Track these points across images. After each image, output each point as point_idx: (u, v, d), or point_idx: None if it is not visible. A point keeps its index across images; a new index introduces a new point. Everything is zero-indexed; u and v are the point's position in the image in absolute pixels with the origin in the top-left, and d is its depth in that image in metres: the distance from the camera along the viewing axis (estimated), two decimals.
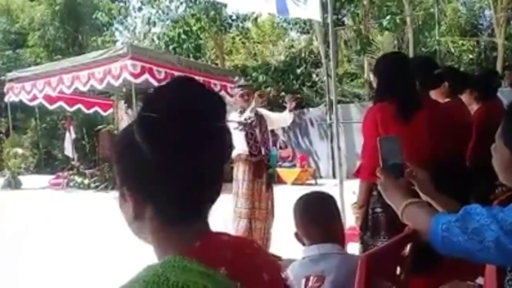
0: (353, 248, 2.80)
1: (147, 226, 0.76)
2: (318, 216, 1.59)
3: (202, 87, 0.77)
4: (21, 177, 13.45)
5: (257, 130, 4.22)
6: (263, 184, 4.15)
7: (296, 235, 1.62)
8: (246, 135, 4.12)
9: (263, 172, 4.19)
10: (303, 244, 1.61)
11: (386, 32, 13.01)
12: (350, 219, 3.07)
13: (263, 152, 4.23)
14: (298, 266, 1.48)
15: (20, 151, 14.52)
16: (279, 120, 4.68)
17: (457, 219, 1.02)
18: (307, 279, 0.92)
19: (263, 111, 4.52)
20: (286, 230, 2.62)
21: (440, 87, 2.81)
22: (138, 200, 0.75)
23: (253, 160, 4.12)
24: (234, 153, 4.02)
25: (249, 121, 4.14)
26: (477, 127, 2.89)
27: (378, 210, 2.17)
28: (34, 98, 11.43)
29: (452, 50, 13.79)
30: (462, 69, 11.12)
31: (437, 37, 11.87)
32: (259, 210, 4.10)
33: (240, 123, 4.05)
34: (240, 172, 4.09)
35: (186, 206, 0.76)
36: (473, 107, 3.25)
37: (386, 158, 1.28)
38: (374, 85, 2.41)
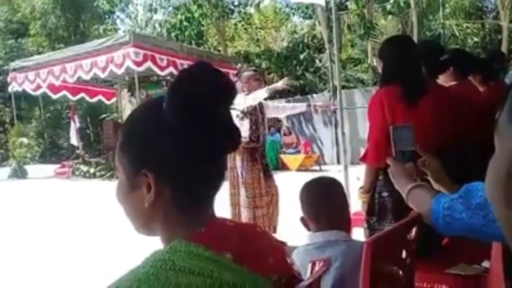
0: (359, 233, 2.80)
1: (159, 212, 0.76)
2: (325, 202, 1.57)
3: (221, 72, 0.78)
4: (26, 167, 13.55)
5: (259, 118, 4.20)
6: (260, 171, 4.11)
7: (302, 220, 1.61)
8: (250, 121, 4.09)
9: (260, 158, 4.14)
10: (309, 230, 1.60)
11: (390, 16, 12.88)
12: (355, 204, 3.07)
13: (260, 140, 4.20)
14: (303, 252, 1.48)
15: (25, 140, 14.61)
16: (274, 110, 4.62)
17: (459, 196, 1.01)
18: (313, 264, 0.92)
19: (263, 102, 4.44)
20: (290, 216, 2.63)
21: (447, 71, 2.78)
22: (159, 184, 0.74)
23: (249, 146, 4.06)
24: None
25: (254, 109, 4.11)
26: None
27: (385, 194, 2.17)
28: (38, 87, 11.44)
29: (457, 33, 13.65)
30: None
31: (441, 20, 11.74)
32: (260, 198, 4.08)
33: (245, 112, 4.01)
34: (238, 160, 4.05)
35: (200, 191, 0.77)
36: (479, 90, 3.22)
37: (398, 147, 1.28)
38: (379, 69, 2.39)
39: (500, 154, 0.46)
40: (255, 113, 4.16)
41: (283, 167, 12.12)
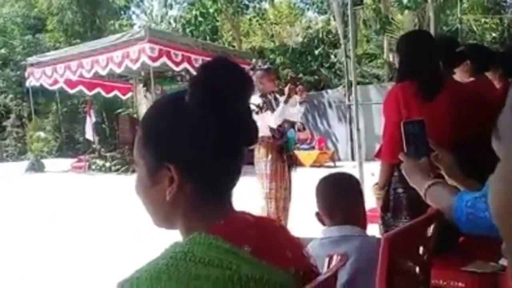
0: (373, 229, 2.79)
1: (180, 205, 0.77)
2: (341, 198, 1.56)
3: (240, 66, 0.79)
4: (43, 160, 13.75)
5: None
6: (285, 166, 4.17)
7: (318, 215, 1.61)
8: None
9: (284, 154, 4.22)
10: (324, 225, 1.60)
11: (406, 11, 12.70)
12: (369, 201, 3.05)
13: (284, 136, 4.28)
14: (318, 246, 1.48)
15: (42, 134, 14.86)
16: (290, 114, 4.64)
17: (483, 194, 1.00)
18: (331, 258, 0.92)
19: (280, 98, 4.49)
20: (304, 212, 2.63)
21: (463, 65, 2.74)
22: (181, 177, 0.75)
23: (276, 143, 4.14)
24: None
25: (271, 105, 4.14)
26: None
27: (400, 190, 2.15)
28: (55, 82, 11.60)
29: (475, 28, 13.41)
30: None
31: (459, 15, 11.56)
32: (279, 190, 4.14)
33: (260, 106, 4.03)
34: (262, 153, 4.11)
35: (220, 184, 0.78)
36: (496, 85, 3.16)
37: (410, 142, 1.25)
38: (396, 64, 2.37)
39: (505, 172, 0.38)
40: (273, 111, 4.19)
41: (297, 163, 12.07)
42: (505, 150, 0.39)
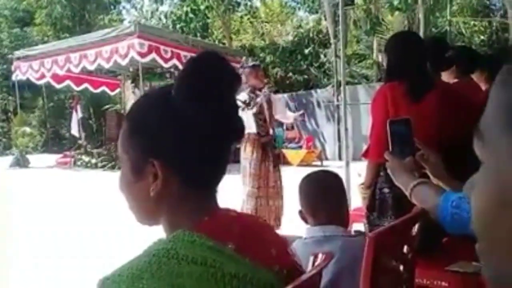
0: (359, 228, 2.80)
1: (164, 201, 0.75)
2: (324, 197, 1.55)
3: (228, 62, 0.79)
4: (29, 156, 13.58)
5: (265, 112, 4.23)
6: (270, 164, 4.18)
7: (301, 213, 1.60)
8: (255, 116, 4.12)
9: (271, 152, 4.23)
10: (306, 223, 1.59)
11: (397, 12, 12.78)
12: (355, 200, 3.07)
13: (270, 133, 4.30)
14: (302, 245, 1.47)
15: (28, 130, 14.67)
16: (282, 114, 4.73)
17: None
18: (316, 257, 0.92)
19: (272, 96, 4.54)
20: (292, 211, 2.63)
21: (451, 68, 2.77)
22: (166, 173, 0.73)
23: (261, 140, 4.14)
24: None
25: (258, 101, 4.15)
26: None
27: (386, 190, 2.16)
28: (42, 76, 11.45)
29: (464, 31, 13.56)
30: None
31: (448, 17, 11.65)
32: (267, 188, 4.14)
33: (246, 103, 4.04)
34: (248, 152, 4.11)
35: (205, 181, 0.77)
36: (482, 88, 3.20)
37: (395, 141, 1.24)
38: (384, 64, 2.38)
39: (487, 174, 0.38)
40: (262, 111, 4.21)
41: (284, 161, 12.11)
42: (486, 152, 0.39)
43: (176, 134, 0.74)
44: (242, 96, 4.03)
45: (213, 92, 0.72)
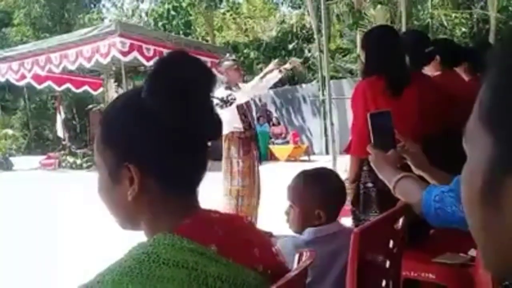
0: (346, 223, 2.82)
1: (143, 205, 0.74)
2: (335, 193, 1.51)
3: (199, 60, 0.77)
4: (12, 158, 13.38)
5: (245, 107, 4.18)
6: (255, 160, 4.13)
7: (304, 213, 1.49)
8: (238, 111, 4.06)
9: (254, 147, 4.16)
10: (306, 222, 1.49)
11: (379, 6, 12.85)
12: None
13: (253, 126, 4.21)
14: (319, 244, 1.40)
15: (10, 132, 14.43)
16: (253, 87, 4.29)
17: (450, 189, 1.01)
18: (301, 255, 0.91)
19: (241, 85, 4.29)
20: (278, 207, 2.62)
21: (432, 62, 2.78)
22: (142, 176, 0.72)
23: (245, 135, 4.07)
24: (226, 130, 3.98)
25: (234, 98, 4.06)
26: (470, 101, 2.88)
27: (369, 185, 2.17)
28: (22, 77, 11.24)
29: (445, 23, 13.68)
30: None
31: (430, 10, 11.76)
32: (251, 187, 4.09)
33: (224, 100, 3.94)
34: (233, 150, 4.05)
35: (184, 182, 0.76)
36: (465, 79, 3.23)
37: (376, 134, 1.24)
38: (363, 59, 2.38)
39: (471, 163, 0.40)
40: (241, 106, 4.12)
41: (272, 157, 12.13)
42: (468, 150, 0.41)
43: (148, 137, 0.72)
44: (219, 93, 3.95)
45: (183, 92, 0.70)
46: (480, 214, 0.40)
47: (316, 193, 1.48)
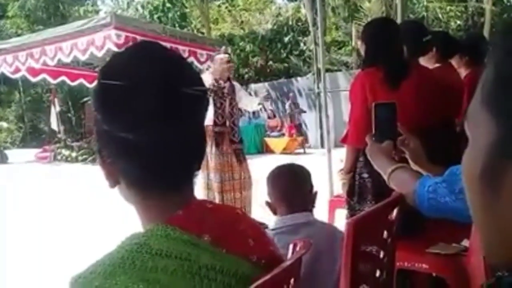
0: (341, 214, 2.83)
1: (137, 197, 0.74)
2: (296, 186, 1.62)
3: (168, 51, 0.75)
4: (7, 151, 13.32)
5: (227, 101, 4.10)
6: (231, 155, 4.06)
7: (269, 204, 1.65)
8: (215, 104, 3.98)
9: (229, 144, 4.07)
10: (275, 214, 1.64)
11: None
12: (337, 187, 3.09)
13: (227, 124, 4.08)
14: (278, 235, 1.46)
15: (5, 125, 14.37)
16: (247, 102, 4.51)
17: (443, 180, 1.02)
18: (295, 245, 0.92)
19: (237, 85, 4.37)
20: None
21: (429, 53, 2.78)
22: (125, 173, 0.73)
23: (215, 130, 3.99)
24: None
25: (222, 90, 4.04)
26: (469, 93, 2.88)
27: (365, 175, 2.18)
28: (17, 70, 11.16)
29: (440, 16, 13.69)
30: None
31: (425, 3, 11.75)
32: (233, 181, 4.02)
33: (211, 90, 3.91)
34: (208, 144, 3.99)
35: (160, 178, 0.73)
36: (462, 72, 3.23)
37: (379, 124, 1.24)
38: (362, 51, 2.38)
39: (473, 147, 0.41)
40: (221, 97, 4.04)
41: (267, 150, 12.14)
42: (470, 132, 0.41)
43: (107, 139, 0.72)
44: (206, 78, 3.87)
45: (143, 85, 0.68)
46: (480, 196, 0.40)
47: (275, 187, 1.64)
